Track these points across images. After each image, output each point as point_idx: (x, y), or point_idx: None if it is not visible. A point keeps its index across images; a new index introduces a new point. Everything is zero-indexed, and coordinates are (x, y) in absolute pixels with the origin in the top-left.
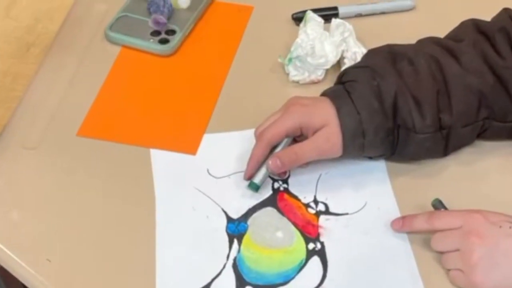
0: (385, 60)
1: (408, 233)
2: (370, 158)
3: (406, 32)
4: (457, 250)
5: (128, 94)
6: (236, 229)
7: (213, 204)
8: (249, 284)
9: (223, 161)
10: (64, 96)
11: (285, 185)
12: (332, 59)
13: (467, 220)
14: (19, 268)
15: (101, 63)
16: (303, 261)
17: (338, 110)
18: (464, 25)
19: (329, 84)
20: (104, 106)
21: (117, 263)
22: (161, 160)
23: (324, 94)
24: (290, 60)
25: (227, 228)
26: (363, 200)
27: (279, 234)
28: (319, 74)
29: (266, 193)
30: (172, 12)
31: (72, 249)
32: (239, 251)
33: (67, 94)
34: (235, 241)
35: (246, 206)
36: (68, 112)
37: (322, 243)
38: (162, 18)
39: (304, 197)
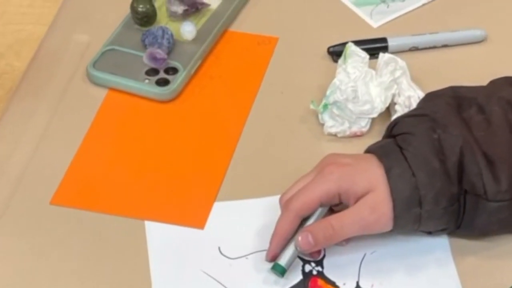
0: (448, 106)
1: None
2: (429, 233)
3: (475, 70)
4: None
5: (116, 150)
6: None
7: None
8: None
9: (239, 237)
10: (34, 153)
11: (319, 268)
12: (380, 105)
13: None
14: None
15: (81, 111)
16: None
17: (388, 172)
18: None
19: (376, 137)
20: (85, 166)
21: None
22: (159, 236)
23: (369, 150)
24: (325, 106)
25: None
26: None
27: None
28: (363, 125)
29: (295, 278)
30: (173, 45)
31: None
32: None
33: (38, 151)
34: None
35: None
36: (40, 174)
37: None
38: (161, 53)
39: (344, 284)
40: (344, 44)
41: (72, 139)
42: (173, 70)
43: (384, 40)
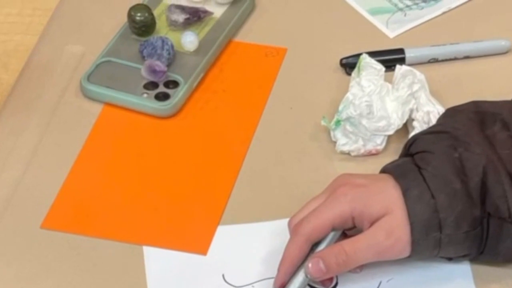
0: (470, 122)
1: None
2: (449, 259)
3: (499, 83)
4: None
5: (112, 170)
6: None
7: None
8: None
9: (245, 264)
10: (24, 173)
11: None
12: (397, 121)
13: None
14: None
15: (75, 127)
16: None
17: (405, 193)
18: None
19: (392, 156)
20: (79, 187)
21: None
22: (159, 262)
23: (385, 170)
24: (338, 122)
25: None
26: None
27: None
28: (378, 143)
29: None
30: (174, 57)
31: None
32: None
33: (28, 171)
34: None
35: None
36: (30, 196)
37: None
38: (160, 65)
39: None
40: (358, 55)
41: (65, 158)
42: (173, 84)
43: (401, 51)
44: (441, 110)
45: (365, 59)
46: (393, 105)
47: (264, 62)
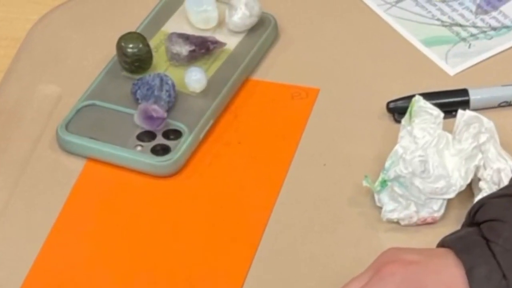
0: None
1: None
2: None
3: None
4: None
5: (97, 242)
6: None
7: None
8: None
9: None
10: None
11: None
12: (459, 181)
13: None
14: None
15: (50, 189)
16: None
17: (469, 272)
18: None
19: (453, 226)
20: (54, 264)
21: None
22: None
23: (444, 243)
24: (384, 183)
25: None
26: None
27: None
28: (435, 209)
29: None
30: (175, 100)
31: None
32: None
33: None
34: None
35: None
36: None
37: None
38: (158, 110)
39: None
40: (409, 97)
41: (38, 227)
42: (175, 134)
43: (464, 92)
44: None
45: (419, 103)
46: (454, 160)
47: (290, 106)
